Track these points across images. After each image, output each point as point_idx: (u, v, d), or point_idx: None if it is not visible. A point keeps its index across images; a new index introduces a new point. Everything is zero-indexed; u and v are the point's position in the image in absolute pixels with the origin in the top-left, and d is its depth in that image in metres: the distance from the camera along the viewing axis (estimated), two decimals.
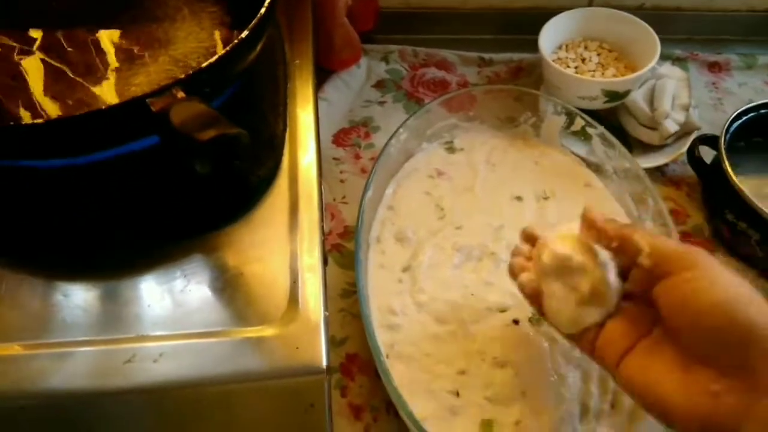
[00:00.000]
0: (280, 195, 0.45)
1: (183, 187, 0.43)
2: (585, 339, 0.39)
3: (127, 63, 0.45)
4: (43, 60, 0.45)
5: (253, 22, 0.40)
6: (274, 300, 0.40)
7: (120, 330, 0.38)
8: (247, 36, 0.40)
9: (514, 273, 0.45)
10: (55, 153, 0.39)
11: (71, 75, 0.44)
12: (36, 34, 0.47)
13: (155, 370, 0.37)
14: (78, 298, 0.40)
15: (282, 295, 0.40)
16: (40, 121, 0.36)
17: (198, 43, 0.45)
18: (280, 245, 0.43)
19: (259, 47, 0.43)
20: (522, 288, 0.44)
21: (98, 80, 0.44)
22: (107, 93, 0.44)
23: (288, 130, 0.49)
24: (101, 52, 0.46)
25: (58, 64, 0.45)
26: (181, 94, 0.36)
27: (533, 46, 0.67)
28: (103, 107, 0.35)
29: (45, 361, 0.37)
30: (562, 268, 0.40)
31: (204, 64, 0.37)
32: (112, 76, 0.45)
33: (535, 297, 0.42)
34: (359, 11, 0.72)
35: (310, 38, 0.56)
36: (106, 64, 0.45)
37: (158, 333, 0.39)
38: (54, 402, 0.37)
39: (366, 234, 0.55)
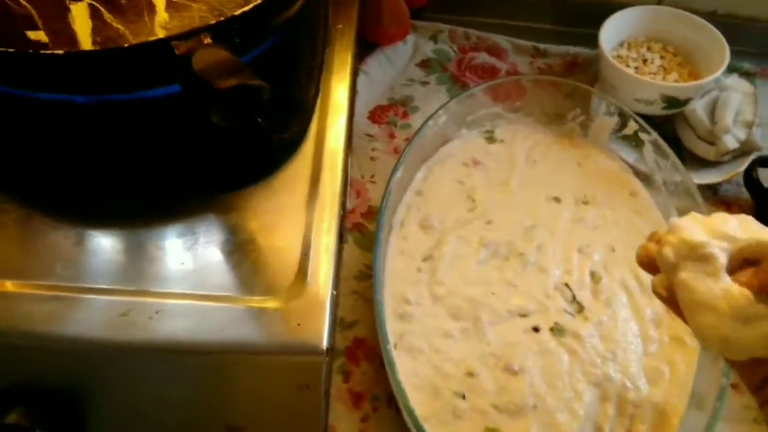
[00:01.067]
0: (303, 162, 0.43)
1: (204, 141, 0.41)
2: (757, 371, 0.29)
3: (170, 9, 0.43)
4: (90, 5, 0.43)
5: None
6: (281, 271, 0.38)
7: (118, 281, 0.37)
8: None
9: (642, 263, 0.35)
10: (77, 88, 0.38)
11: (115, 23, 0.42)
12: None
13: (149, 326, 0.35)
14: (79, 243, 0.38)
15: (291, 267, 0.38)
16: (60, 51, 0.34)
17: None
18: (297, 215, 0.41)
19: (298, 3, 0.41)
20: (654, 289, 0.34)
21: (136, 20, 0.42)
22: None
23: (320, 96, 0.47)
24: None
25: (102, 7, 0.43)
26: (208, 40, 0.34)
27: (592, 41, 0.63)
28: (125, 45, 0.33)
29: (38, 303, 0.36)
30: (697, 257, 0.31)
31: (237, 12, 0.35)
32: (152, 23, 0.43)
33: (671, 301, 0.33)
34: None
35: (356, 4, 0.53)
36: (153, 19, 0.43)
37: (158, 290, 0.37)
38: (43, 344, 0.35)
39: (390, 216, 0.52)
